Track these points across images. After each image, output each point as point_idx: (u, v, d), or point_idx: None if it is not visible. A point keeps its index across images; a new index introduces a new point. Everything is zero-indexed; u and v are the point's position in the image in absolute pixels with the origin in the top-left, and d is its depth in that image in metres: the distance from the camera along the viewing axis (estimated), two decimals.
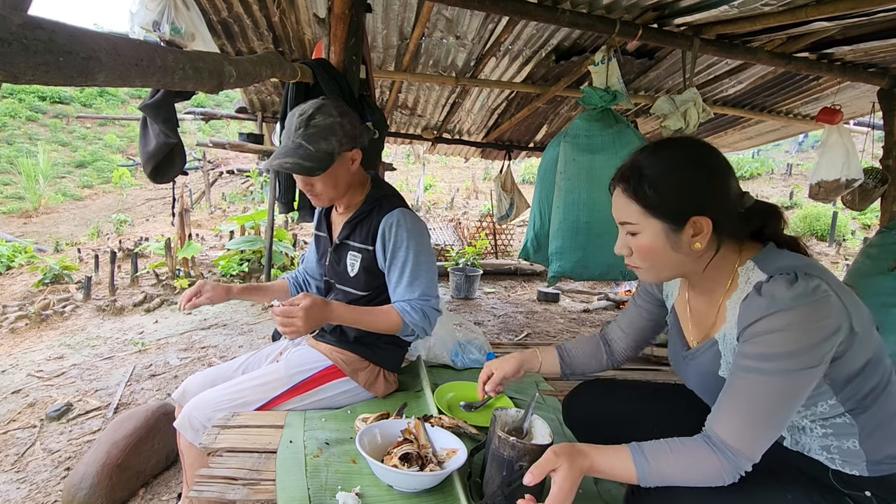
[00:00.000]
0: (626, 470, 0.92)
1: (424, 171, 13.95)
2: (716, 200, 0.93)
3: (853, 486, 0.92)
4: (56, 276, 5.36)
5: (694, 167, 0.94)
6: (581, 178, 2.35)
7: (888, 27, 2.40)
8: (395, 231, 1.47)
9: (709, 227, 0.92)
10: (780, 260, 0.93)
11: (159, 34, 2.03)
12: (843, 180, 3.27)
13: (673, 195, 0.93)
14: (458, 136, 5.52)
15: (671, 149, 0.98)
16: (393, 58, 3.34)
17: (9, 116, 16.90)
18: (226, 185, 14.76)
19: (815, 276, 0.85)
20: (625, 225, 0.99)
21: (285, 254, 5.86)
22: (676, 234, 0.94)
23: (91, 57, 0.77)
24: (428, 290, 1.49)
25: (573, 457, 0.92)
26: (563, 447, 0.94)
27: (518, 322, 4.76)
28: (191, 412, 1.41)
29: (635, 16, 2.46)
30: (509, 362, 1.28)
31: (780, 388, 0.84)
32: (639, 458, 0.91)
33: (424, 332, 1.53)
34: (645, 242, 0.97)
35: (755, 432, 0.86)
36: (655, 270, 1.01)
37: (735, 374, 0.89)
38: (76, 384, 3.01)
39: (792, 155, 15.66)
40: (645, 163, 0.96)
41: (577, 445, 0.96)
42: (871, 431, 0.90)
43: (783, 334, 0.83)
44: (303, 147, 1.37)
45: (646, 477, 0.90)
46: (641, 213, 0.95)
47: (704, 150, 0.97)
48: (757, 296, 0.88)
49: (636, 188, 0.95)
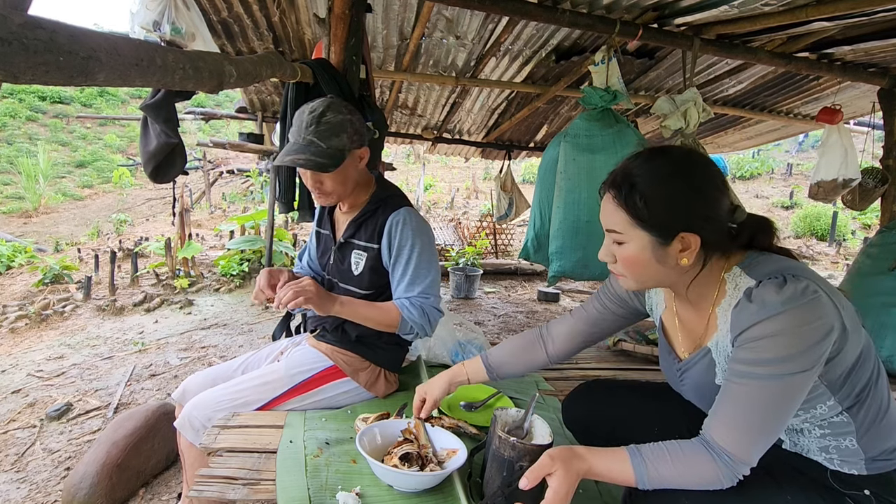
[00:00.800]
0: (623, 473, 0.92)
1: (424, 171, 13.94)
2: (706, 218, 0.91)
3: (852, 486, 0.92)
4: (56, 276, 5.36)
5: (687, 182, 0.91)
6: (581, 178, 2.35)
7: (888, 27, 2.40)
8: (400, 229, 1.48)
9: (696, 244, 0.91)
10: (767, 264, 0.92)
11: (159, 34, 2.03)
12: (841, 180, 3.27)
13: (663, 209, 0.90)
14: (458, 136, 5.52)
15: (665, 159, 0.94)
16: (393, 58, 3.34)
17: (9, 116, 16.91)
18: (226, 184, 14.77)
19: (802, 278, 0.85)
20: (611, 233, 0.97)
21: (285, 254, 5.86)
22: (663, 248, 0.92)
23: (91, 57, 0.77)
24: (429, 289, 1.50)
25: (570, 461, 0.92)
26: (559, 451, 0.94)
27: (518, 322, 4.76)
28: (191, 412, 1.41)
29: (635, 16, 2.45)
30: (436, 384, 1.33)
31: (775, 393, 0.84)
32: (637, 462, 0.91)
33: (424, 332, 1.52)
34: (630, 253, 0.95)
35: (752, 437, 0.86)
36: (638, 280, 0.99)
37: (730, 379, 0.89)
38: (76, 384, 3.01)
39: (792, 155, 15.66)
40: (638, 171, 0.93)
41: (574, 449, 0.96)
42: (867, 428, 0.90)
43: (776, 339, 0.83)
44: (315, 144, 1.37)
45: (644, 480, 0.90)
46: (629, 223, 0.93)
47: (699, 163, 0.94)
48: (748, 302, 0.88)
49: (626, 197, 0.93)
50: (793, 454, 0.99)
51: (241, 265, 5.54)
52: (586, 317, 1.28)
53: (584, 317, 1.28)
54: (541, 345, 1.31)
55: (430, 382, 1.35)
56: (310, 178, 1.45)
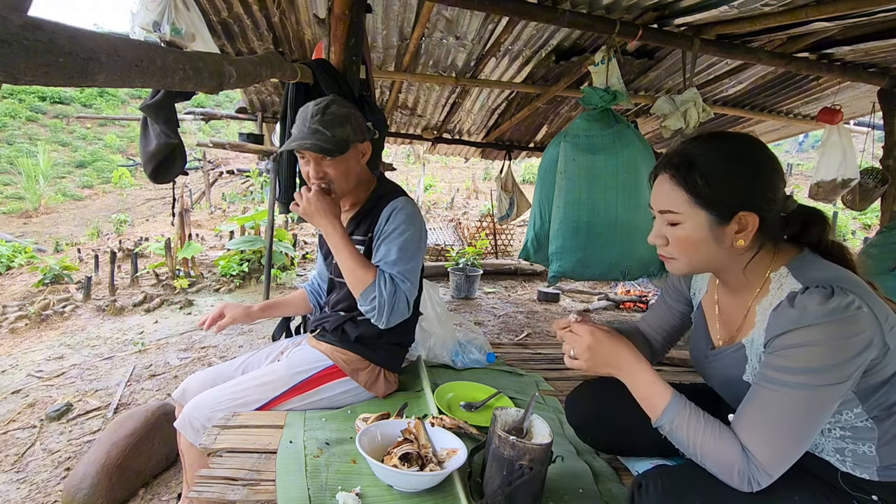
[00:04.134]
0: (655, 397, 0.94)
1: (424, 171, 13.93)
2: (766, 198, 0.90)
3: (861, 490, 0.91)
4: (56, 276, 5.36)
5: (747, 161, 0.91)
6: (581, 178, 2.35)
7: (888, 27, 2.40)
8: (396, 214, 1.49)
9: (755, 225, 0.90)
10: (817, 270, 0.90)
11: (159, 35, 2.03)
12: (840, 180, 3.27)
13: (724, 187, 0.90)
14: (458, 136, 5.51)
15: (724, 141, 0.94)
16: (393, 58, 3.34)
17: (9, 116, 16.91)
18: (226, 185, 14.76)
19: (850, 292, 0.82)
20: (666, 214, 0.96)
21: (285, 254, 5.86)
22: (721, 228, 0.91)
23: (91, 58, 0.77)
24: (408, 273, 1.45)
25: (603, 358, 0.99)
26: (602, 339, 1.00)
27: (518, 322, 4.76)
28: (191, 412, 1.41)
29: (635, 16, 2.46)
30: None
31: (806, 403, 0.83)
32: (675, 402, 0.92)
33: (380, 314, 1.40)
34: (686, 233, 0.94)
35: (777, 445, 0.84)
36: (689, 263, 0.97)
37: (761, 384, 0.87)
38: (76, 384, 3.01)
39: (792, 155, 15.67)
40: (696, 151, 0.93)
41: (618, 352, 1.00)
42: (889, 438, 0.88)
43: (811, 349, 0.81)
44: (320, 132, 1.41)
45: (667, 420, 0.92)
46: (689, 202, 0.92)
47: (758, 145, 0.94)
48: (789, 307, 0.85)
49: (686, 176, 0.92)
50: (805, 453, 0.98)
51: (241, 265, 5.54)
52: (658, 315, 1.29)
53: (657, 316, 1.29)
54: (644, 339, 1.31)
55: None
56: (312, 169, 1.45)
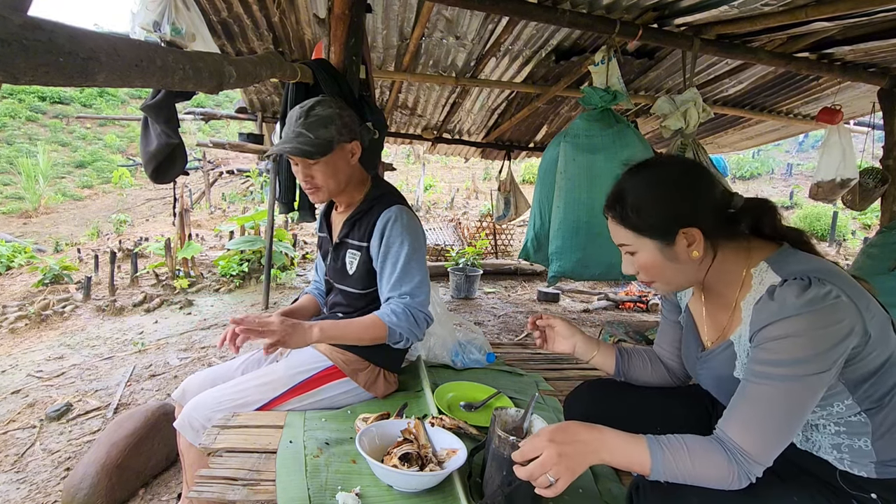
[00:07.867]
0: (638, 457, 0.90)
1: (424, 171, 13.94)
2: (698, 209, 0.96)
3: (859, 488, 0.91)
4: (56, 277, 5.36)
5: (668, 183, 0.98)
6: (581, 178, 2.35)
7: (888, 27, 2.40)
8: (391, 227, 1.48)
9: (699, 236, 0.95)
10: (796, 263, 0.93)
11: (160, 34, 2.03)
12: (839, 180, 3.27)
13: (655, 214, 0.96)
14: (458, 136, 5.52)
15: (647, 169, 1.02)
16: (393, 58, 3.34)
17: (9, 116, 16.91)
18: (226, 185, 14.77)
19: (827, 282, 0.85)
20: (623, 246, 1.04)
21: (285, 254, 5.86)
22: (671, 248, 0.97)
23: (91, 57, 0.77)
24: (416, 289, 1.46)
25: (570, 446, 0.90)
26: (559, 432, 0.93)
27: (518, 322, 4.76)
28: (191, 412, 1.41)
29: (635, 16, 2.45)
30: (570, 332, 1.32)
31: (791, 394, 0.84)
32: (655, 450, 0.89)
33: (415, 337, 1.47)
34: (645, 260, 1.00)
35: (767, 437, 0.86)
36: (667, 283, 1.04)
37: (747, 379, 0.90)
38: (76, 384, 3.01)
39: (792, 155, 15.67)
40: (625, 187, 1.01)
41: (578, 432, 0.94)
42: (883, 432, 0.90)
43: (792, 340, 0.84)
44: (303, 135, 1.41)
45: (659, 470, 0.89)
46: (632, 235, 1.00)
47: (680, 164, 1.02)
48: (769, 300, 0.88)
49: (622, 213, 0.99)
50: (802, 453, 0.98)
51: (241, 265, 5.55)
52: (665, 334, 1.30)
53: (665, 335, 1.30)
54: (657, 362, 1.32)
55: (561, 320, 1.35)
56: (300, 171, 1.47)
